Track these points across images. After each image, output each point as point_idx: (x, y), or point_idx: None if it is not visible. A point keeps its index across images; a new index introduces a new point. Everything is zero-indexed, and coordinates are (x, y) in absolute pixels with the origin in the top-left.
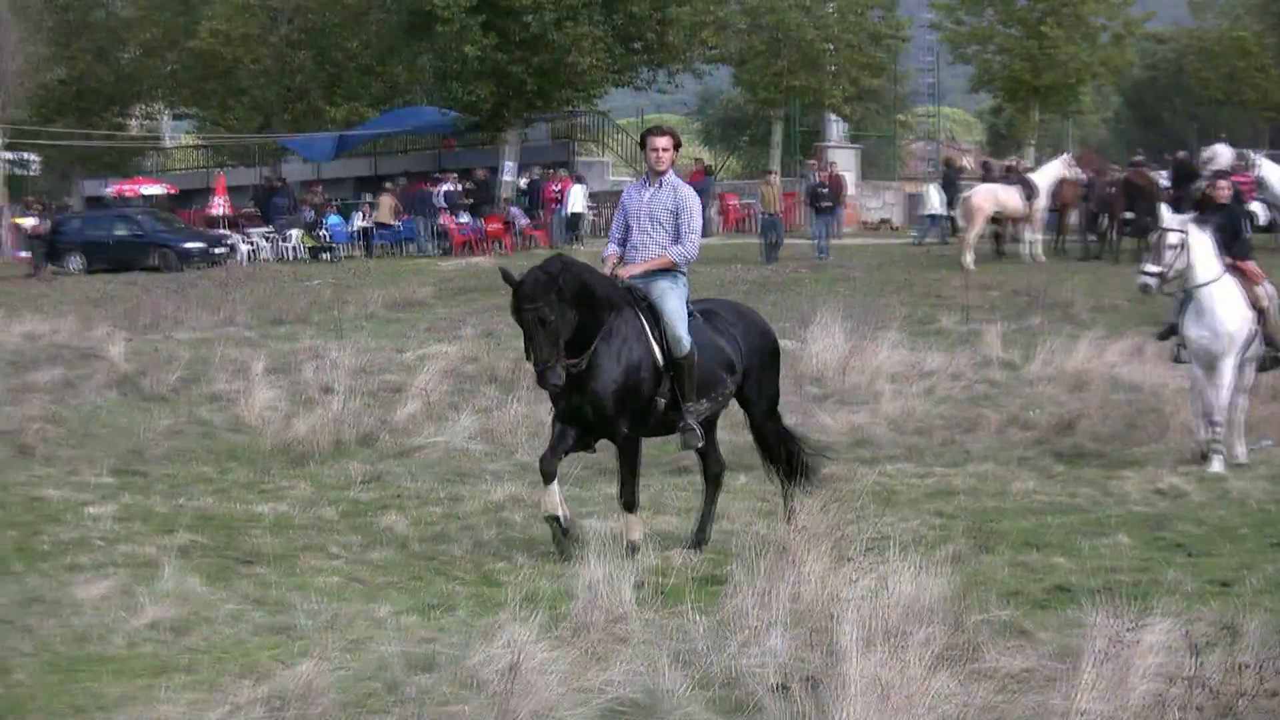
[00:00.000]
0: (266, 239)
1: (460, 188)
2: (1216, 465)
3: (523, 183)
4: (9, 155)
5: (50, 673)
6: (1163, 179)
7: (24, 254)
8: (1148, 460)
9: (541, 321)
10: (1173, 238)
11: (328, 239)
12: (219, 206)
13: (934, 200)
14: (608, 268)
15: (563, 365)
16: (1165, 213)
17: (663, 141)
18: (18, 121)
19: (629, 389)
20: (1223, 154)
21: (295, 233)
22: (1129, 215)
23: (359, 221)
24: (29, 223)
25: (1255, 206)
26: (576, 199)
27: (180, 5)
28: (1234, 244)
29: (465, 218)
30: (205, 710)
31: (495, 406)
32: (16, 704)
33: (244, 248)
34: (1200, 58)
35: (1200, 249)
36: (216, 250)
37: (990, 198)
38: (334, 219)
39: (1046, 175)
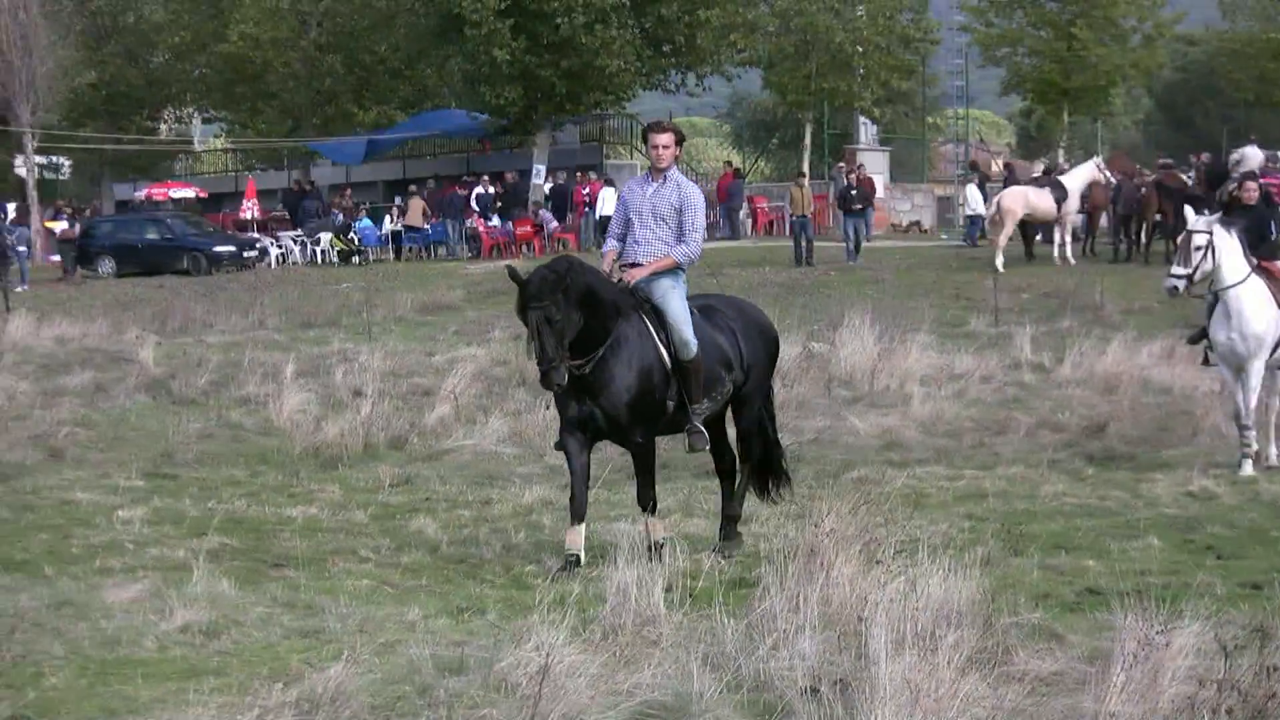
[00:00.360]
0: (296, 242)
1: (492, 191)
2: (1247, 468)
3: (547, 186)
4: (40, 159)
5: (81, 676)
6: (1188, 181)
7: (55, 258)
8: (1178, 463)
9: (547, 321)
10: (1198, 239)
11: (358, 242)
12: (249, 210)
13: (975, 201)
14: (607, 264)
15: (566, 366)
16: (1190, 214)
17: (663, 139)
18: (48, 125)
19: (643, 395)
20: (1253, 156)
21: (325, 236)
22: (1158, 217)
23: (389, 225)
24: (59, 226)
25: None
26: (608, 202)
27: (210, 9)
28: (1260, 245)
29: (495, 221)
30: (235, 713)
31: (525, 409)
32: (48, 707)
33: (274, 251)
34: (1231, 59)
35: (1227, 250)
36: (246, 254)
37: (1021, 200)
38: (365, 222)
39: (1077, 178)
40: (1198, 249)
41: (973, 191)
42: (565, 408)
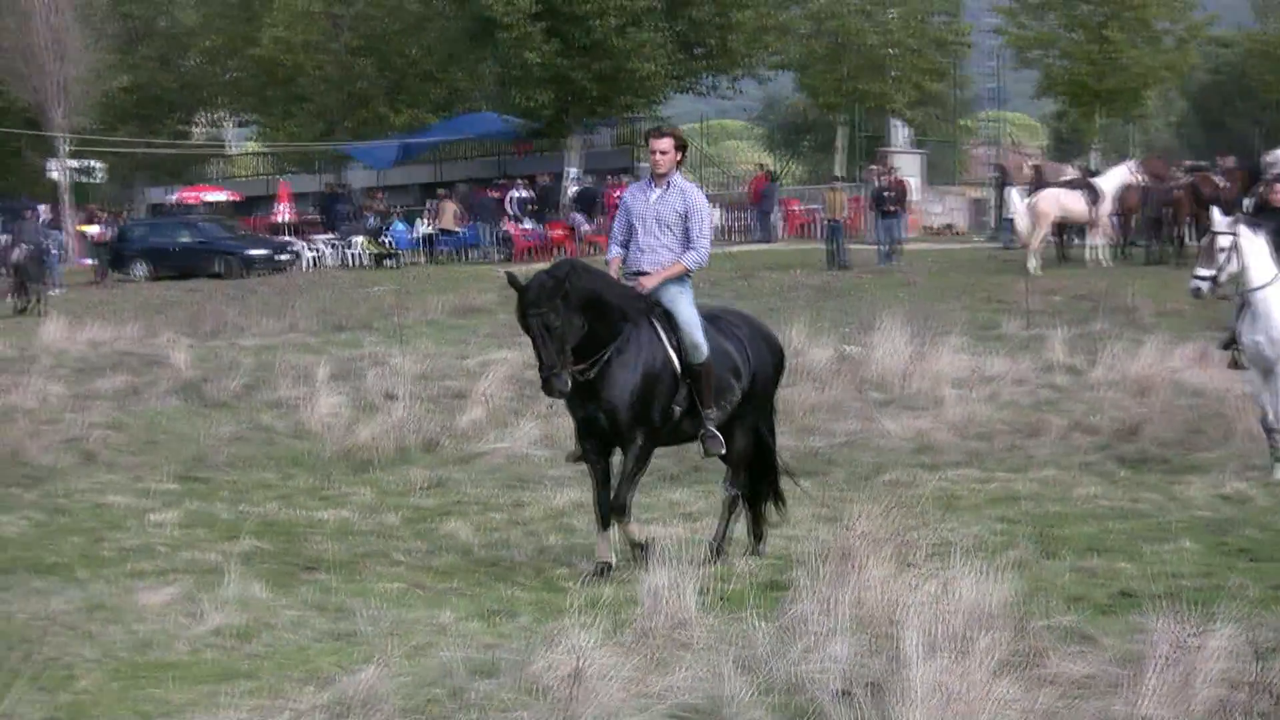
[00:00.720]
0: (329, 245)
1: (527, 194)
2: None
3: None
4: (74, 163)
5: (114, 679)
6: (1223, 184)
7: (89, 261)
8: (1211, 465)
9: (547, 328)
10: (1223, 240)
11: (390, 245)
12: (282, 213)
13: (1016, 203)
14: (612, 271)
15: (569, 372)
16: (1216, 215)
17: (663, 144)
18: (81, 129)
19: (646, 397)
20: None
21: (358, 239)
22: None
23: (422, 228)
24: (93, 230)
25: None
26: None
27: (243, 13)
28: None
29: (528, 223)
30: (267, 716)
31: (557, 412)
32: (81, 710)
33: (307, 254)
34: (1265, 61)
35: (1253, 252)
36: (280, 257)
37: (1055, 202)
38: (397, 225)
39: (1111, 180)
40: (1221, 250)
41: (1014, 195)
42: (575, 413)
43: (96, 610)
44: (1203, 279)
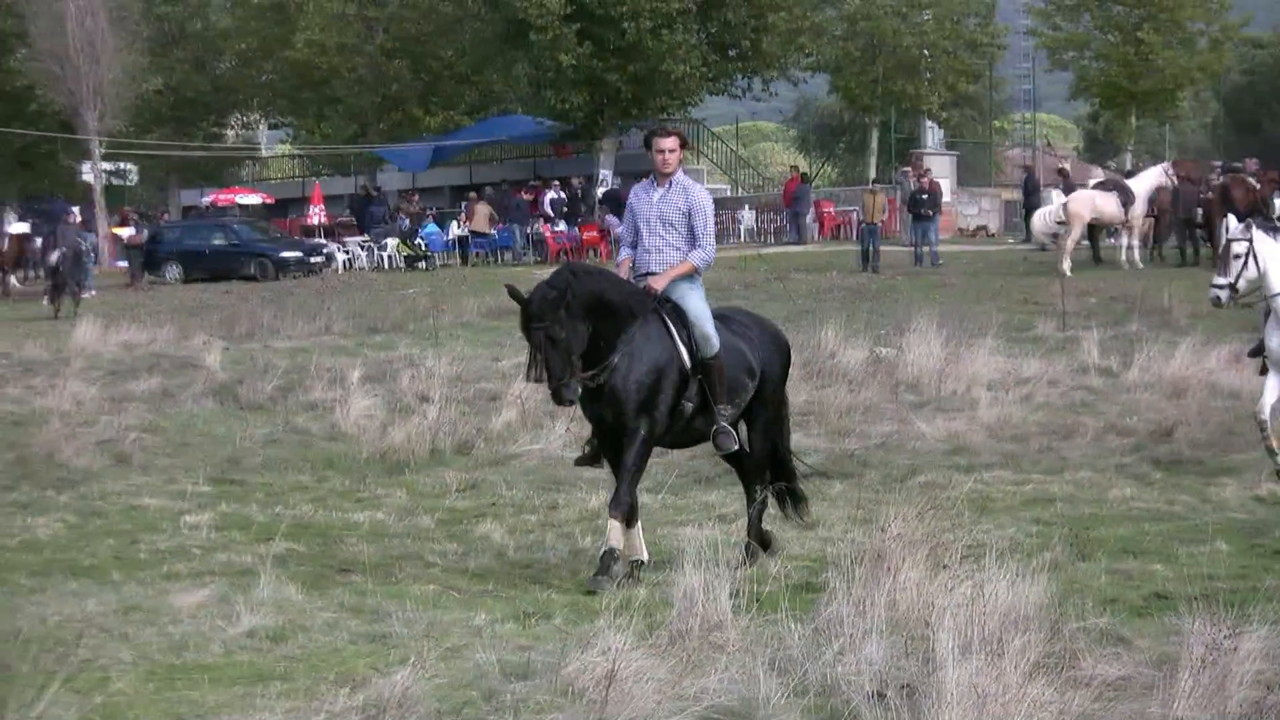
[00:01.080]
0: (363, 248)
1: (561, 196)
2: None
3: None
4: (107, 165)
5: (148, 681)
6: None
7: (122, 264)
8: (1246, 467)
9: (551, 340)
10: (1237, 247)
11: (424, 248)
12: (315, 216)
13: (1059, 205)
14: (623, 273)
15: (578, 380)
16: (1231, 221)
17: (668, 143)
18: (115, 132)
19: (652, 390)
20: None
21: (391, 241)
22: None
23: (455, 230)
24: (126, 232)
25: None
26: None
27: (276, 15)
28: None
29: (561, 225)
30: (302, 718)
31: None
32: (115, 712)
33: (340, 257)
34: None
35: (1272, 256)
36: (313, 259)
37: (1088, 204)
38: (431, 228)
39: (1144, 182)
40: (1237, 257)
41: (1056, 196)
42: (586, 411)
43: (131, 612)
44: (1220, 287)
